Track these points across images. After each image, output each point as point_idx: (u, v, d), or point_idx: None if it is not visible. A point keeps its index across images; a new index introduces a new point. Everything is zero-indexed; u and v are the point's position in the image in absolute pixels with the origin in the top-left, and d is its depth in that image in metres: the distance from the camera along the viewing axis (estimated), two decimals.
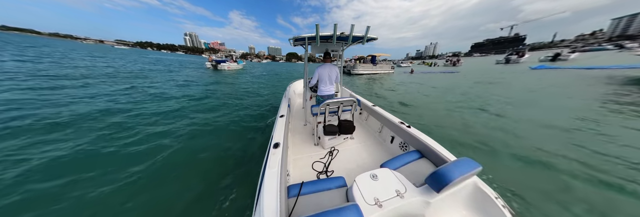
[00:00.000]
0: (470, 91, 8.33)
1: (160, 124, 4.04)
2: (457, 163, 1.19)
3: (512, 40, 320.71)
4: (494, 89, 8.76)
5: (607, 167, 2.55)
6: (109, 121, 3.98)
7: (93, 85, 7.22)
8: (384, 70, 22.77)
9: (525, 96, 6.92)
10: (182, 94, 7.12)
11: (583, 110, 5.02)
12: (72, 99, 5.29)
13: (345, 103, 2.36)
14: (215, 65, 20.04)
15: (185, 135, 3.58)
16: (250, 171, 2.54)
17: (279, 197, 1.11)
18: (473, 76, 14.54)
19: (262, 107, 5.89)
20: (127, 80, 9.19)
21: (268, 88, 10.00)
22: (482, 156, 2.99)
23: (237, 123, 4.35)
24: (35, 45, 31.64)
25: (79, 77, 8.56)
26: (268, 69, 24.58)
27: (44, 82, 7.05)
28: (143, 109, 4.92)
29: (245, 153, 3.02)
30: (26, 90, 5.81)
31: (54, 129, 3.49)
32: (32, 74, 8.32)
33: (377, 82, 13.35)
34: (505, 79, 12.08)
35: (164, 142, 3.25)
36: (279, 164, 1.39)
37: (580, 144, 3.20)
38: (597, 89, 7.53)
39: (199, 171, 2.56)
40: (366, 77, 17.47)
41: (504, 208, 1.14)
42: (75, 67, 11.63)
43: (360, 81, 14.33)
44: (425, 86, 10.57)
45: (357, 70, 20.66)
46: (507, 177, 2.38)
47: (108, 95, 6.09)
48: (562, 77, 11.50)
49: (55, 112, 4.21)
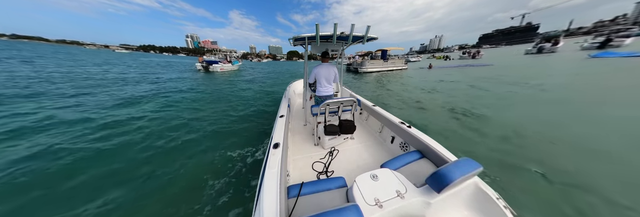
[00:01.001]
0: (569, 97, 5.43)
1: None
2: (457, 163, 1.18)
3: (524, 30, 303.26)
4: (596, 91, 5.88)
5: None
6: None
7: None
8: (396, 66, 20.03)
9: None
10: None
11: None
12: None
13: (345, 103, 2.36)
14: (207, 66, 17.73)
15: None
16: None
17: (279, 198, 1.11)
18: (517, 71, 11.71)
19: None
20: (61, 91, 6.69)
21: (254, 105, 6.21)
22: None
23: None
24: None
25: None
26: (266, 71, 21.01)
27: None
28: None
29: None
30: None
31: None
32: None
33: (393, 82, 10.85)
34: (579, 73, 9.22)
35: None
36: (278, 165, 1.39)
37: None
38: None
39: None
40: (376, 76, 15.17)
41: (506, 209, 1.14)
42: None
43: (369, 81, 11.96)
44: (469, 86, 7.92)
45: (365, 67, 17.95)
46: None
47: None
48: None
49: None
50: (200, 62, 17.96)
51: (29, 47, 45.97)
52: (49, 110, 4.73)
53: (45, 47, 62.01)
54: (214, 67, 17.89)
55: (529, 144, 3.06)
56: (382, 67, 19.12)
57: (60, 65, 14.63)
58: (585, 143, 3.02)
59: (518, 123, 3.87)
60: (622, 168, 2.42)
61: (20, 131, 3.54)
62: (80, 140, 3.32)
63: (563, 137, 3.24)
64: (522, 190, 2.11)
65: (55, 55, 26.68)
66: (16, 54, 22.38)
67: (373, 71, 18.34)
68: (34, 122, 3.96)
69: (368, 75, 16.13)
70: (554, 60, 16.90)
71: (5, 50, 26.02)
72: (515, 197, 2.00)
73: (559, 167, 2.46)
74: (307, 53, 3.00)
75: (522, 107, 4.92)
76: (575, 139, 3.17)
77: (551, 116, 4.17)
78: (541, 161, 2.59)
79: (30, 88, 6.81)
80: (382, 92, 8.13)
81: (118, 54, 67.64)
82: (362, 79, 13.34)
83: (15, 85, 7.10)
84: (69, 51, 45.67)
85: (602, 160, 2.59)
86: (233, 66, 20.66)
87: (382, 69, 19.02)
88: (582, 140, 3.12)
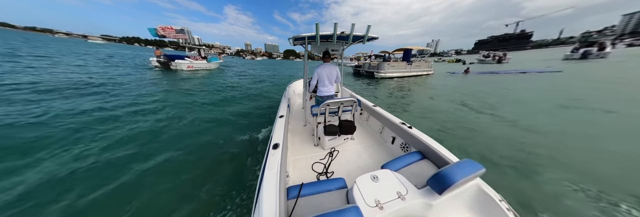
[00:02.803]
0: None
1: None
2: (459, 165, 1.17)
3: (518, 37, 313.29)
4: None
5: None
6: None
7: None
8: (422, 70, 16.32)
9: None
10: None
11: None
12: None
13: (345, 103, 2.35)
14: (166, 62, 12.97)
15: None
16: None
17: (279, 199, 1.10)
18: (625, 85, 8.00)
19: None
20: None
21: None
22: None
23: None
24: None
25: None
26: (254, 74, 15.27)
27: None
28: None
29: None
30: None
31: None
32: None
33: (435, 96, 7.54)
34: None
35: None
36: (278, 165, 1.38)
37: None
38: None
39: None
40: (398, 82, 11.83)
41: (509, 211, 1.12)
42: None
43: (392, 92, 8.59)
44: (581, 116, 4.74)
45: (384, 71, 14.01)
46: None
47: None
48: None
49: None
50: (157, 56, 13.10)
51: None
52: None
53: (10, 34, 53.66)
54: (178, 64, 13.22)
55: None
56: (405, 71, 15.32)
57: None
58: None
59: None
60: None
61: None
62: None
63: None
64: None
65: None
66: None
67: (393, 77, 14.60)
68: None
69: (387, 81, 12.50)
70: (633, 68, 13.78)
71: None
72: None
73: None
74: (307, 53, 2.99)
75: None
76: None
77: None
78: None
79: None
80: (435, 116, 5.00)
81: (90, 43, 59.96)
82: (380, 87, 9.96)
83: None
84: (24, 37, 38.11)
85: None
86: (209, 64, 16.23)
87: (405, 74, 15.30)
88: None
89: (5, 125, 3.49)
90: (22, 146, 2.93)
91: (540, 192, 2.23)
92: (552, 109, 5.34)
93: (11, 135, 3.20)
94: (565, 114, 4.96)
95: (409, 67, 15.58)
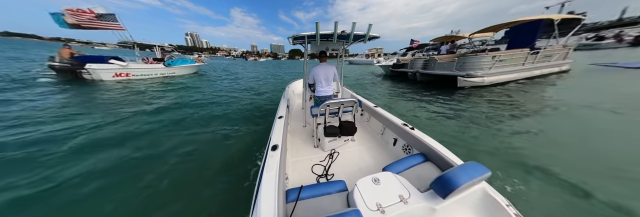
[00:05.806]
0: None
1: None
2: (464, 167, 1.13)
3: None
4: None
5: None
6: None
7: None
8: (552, 64, 8.47)
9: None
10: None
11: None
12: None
13: (345, 104, 2.31)
14: (71, 68, 7.78)
15: None
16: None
17: (277, 202, 1.07)
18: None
19: None
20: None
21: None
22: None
23: None
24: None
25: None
26: (241, 86, 9.28)
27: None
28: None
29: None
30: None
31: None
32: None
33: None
34: None
35: None
36: (277, 167, 1.35)
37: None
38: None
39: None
40: (512, 91, 6.21)
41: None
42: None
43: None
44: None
45: (482, 73, 6.78)
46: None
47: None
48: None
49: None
50: (61, 58, 7.74)
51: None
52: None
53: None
54: (96, 71, 8.02)
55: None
56: (524, 69, 7.79)
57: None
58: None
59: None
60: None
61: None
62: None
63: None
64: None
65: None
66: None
67: (504, 82, 7.44)
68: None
69: (488, 91, 6.33)
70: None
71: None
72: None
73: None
74: (307, 52, 2.98)
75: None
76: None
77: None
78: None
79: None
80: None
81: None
82: (495, 118, 4.02)
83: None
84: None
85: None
86: (171, 69, 10.90)
87: (522, 76, 7.77)
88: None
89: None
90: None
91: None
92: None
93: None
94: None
95: (531, 60, 7.76)
